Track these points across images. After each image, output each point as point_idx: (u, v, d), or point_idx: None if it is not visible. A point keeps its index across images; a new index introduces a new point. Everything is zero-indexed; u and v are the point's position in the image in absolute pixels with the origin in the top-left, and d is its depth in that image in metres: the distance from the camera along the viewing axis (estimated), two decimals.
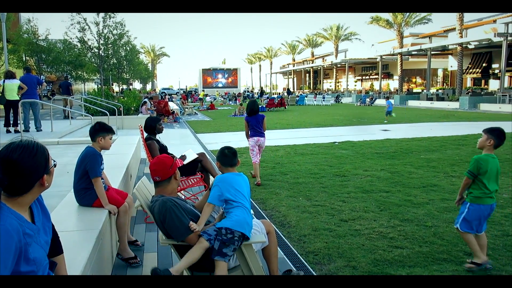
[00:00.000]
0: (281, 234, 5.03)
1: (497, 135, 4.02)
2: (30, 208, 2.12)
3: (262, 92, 51.10)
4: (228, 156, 3.64)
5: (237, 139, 14.28)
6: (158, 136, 6.56)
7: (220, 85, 77.74)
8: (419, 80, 59.12)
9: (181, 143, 13.40)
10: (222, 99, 46.21)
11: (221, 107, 38.36)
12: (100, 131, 4.26)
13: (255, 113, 7.93)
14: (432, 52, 43.42)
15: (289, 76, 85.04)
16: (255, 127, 7.92)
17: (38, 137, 10.59)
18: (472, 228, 4.11)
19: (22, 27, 27.21)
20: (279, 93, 55.15)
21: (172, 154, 6.47)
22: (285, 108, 31.81)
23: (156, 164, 3.53)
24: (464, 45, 36.37)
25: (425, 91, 42.63)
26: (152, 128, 6.40)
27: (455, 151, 10.81)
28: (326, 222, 5.46)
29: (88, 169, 4.09)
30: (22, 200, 2.02)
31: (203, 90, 58.25)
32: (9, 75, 12.01)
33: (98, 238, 3.44)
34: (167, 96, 41.62)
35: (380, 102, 42.98)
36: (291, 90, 74.40)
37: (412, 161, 9.52)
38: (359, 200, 6.44)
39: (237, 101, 45.37)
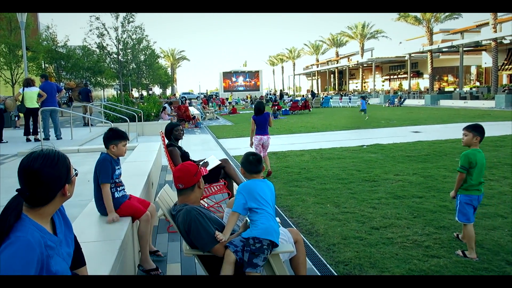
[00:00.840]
0: (308, 243, 4.98)
1: (480, 131, 4.62)
2: (52, 219, 2.13)
3: (281, 95, 51.00)
4: (252, 163, 3.62)
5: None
6: (180, 143, 6.61)
7: (241, 88, 78.05)
8: (451, 78, 57.99)
9: (202, 148, 13.48)
10: (244, 102, 46.35)
11: (243, 111, 38.50)
12: (113, 139, 4.26)
13: (261, 113, 8.97)
14: (465, 49, 42.55)
15: (313, 77, 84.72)
16: (261, 125, 8.94)
17: (58, 146, 10.82)
18: (469, 219, 4.62)
19: (41, 35, 27.98)
20: (303, 95, 55.04)
21: (196, 161, 6.51)
22: (310, 110, 31.71)
23: (180, 171, 3.54)
24: (498, 40, 35.50)
25: (457, 89, 41.78)
26: (171, 134, 6.45)
27: (493, 153, 10.52)
28: (356, 230, 5.38)
29: (98, 175, 4.13)
30: (44, 211, 2.03)
31: (231, 94, 58.37)
32: (29, 83, 12.32)
33: (121, 249, 3.45)
34: (187, 101, 42.20)
35: (410, 102, 42.35)
36: (315, 92, 74.13)
37: (446, 164, 9.31)
38: (390, 207, 6.33)
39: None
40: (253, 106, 46.09)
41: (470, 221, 4.63)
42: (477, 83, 50.40)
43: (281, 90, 58.79)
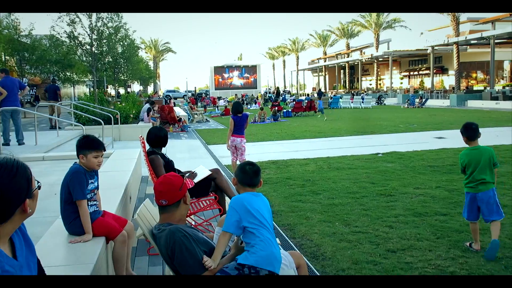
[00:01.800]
0: (313, 269, 4.98)
1: (464, 131, 5.52)
2: (11, 239, 2.10)
3: (278, 93, 51.03)
4: (248, 174, 3.64)
5: (259, 151, 14.30)
6: (163, 150, 6.61)
7: (236, 85, 78.25)
8: (480, 75, 58.30)
9: (190, 157, 13.46)
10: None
11: None
12: (83, 147, 4.26)
13: (240, 113, 10.06)
14: (496, 41, 42.77)
15: (320, 73, 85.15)
16: (238, 126, 10.01)
17: (20, 152, 10.80)
18: (465, 215, 5.54)
19: (1, 22, 27.99)
20: (308, 94, 55.25)
21: (181, 171, 6.50)
22: (316, 112, 31.82)
23: (162, 184, 3.54)
24: None
25: (488, 88, 41.96)
26: (157, 140, 6.45)
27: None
28: (369, 253, 5.38)
29: (71, 190, 4.13)
30: (1, 231, 2.00)
31: (235, 95, 58.28)
32: None
33: (93, 274, 3.44)
34: (172, 101, 42.24)
35: (433, 102, 42.55)
36: (323, 90, 74.38)
37: None
38: (409, 226, 6.34)
39: (257, 105, 45.56)
40: (249, 106, 46.34)
41: (466, 218, 5.59)
42: None
43: (277, 88, 58.65)
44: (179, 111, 27.56)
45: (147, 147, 6.47)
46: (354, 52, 75.85)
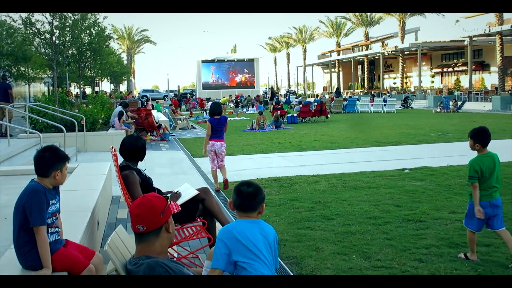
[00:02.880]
0: None
1: (479, 137, 6.27)
2: None
3: (273, 94, 50.77)
4: (242, 196, 3.64)
5: (257, 166, 14.33)
6: (139, 164, 6.61)
7: (229, 83, 78.44)
8: None
9: (172, 172, 13.45)
10: (232, 104, 46.63)
11: (230, 117, 38.59)
12: (57, 161, 4.32)
13: (218, 114, 11.11)
14: None
15: (332, 70, 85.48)
16: (217, 130, 11.06)
17: None
18: (471, 224, 6.32)
19: None
20: (318, 95, 55.43)
21: (161, 191, 6.49)
22: (327, 117, 31.89)
23: (140, 206, 3.54)
24: None
25: None
26: (132, 152, 6.45)
27: None
28: None
29: (28, 213, 4.12)
30: None
31: (229, 96, 57.82)
32: None
33: None
34: (150, 102, 42.31)
35: (471, 106, 42.67)
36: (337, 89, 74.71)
37: None
38: (444, 259, 6.33)
39: (255, 108, 45.61)
40: (244, 110, 46.45)
41: (475, 229, 6.31)
42: None
43: (272, 87, 58.07)
44: (158, 116, 27.58)
45: (120, 160, 6.47)
46: (375, 43, 76.25)
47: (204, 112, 40.76)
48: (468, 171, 6.26)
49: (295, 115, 31.41)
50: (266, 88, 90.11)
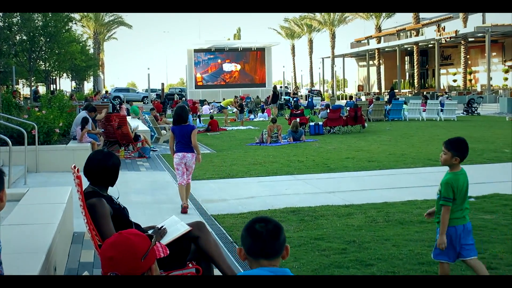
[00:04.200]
0: None
1: (461, 150, 6.76)
2: None
3: (275, 96, 49.64)
4: (264, 237, 3.58)
5: (270, 192, 14.37)
6: (109, 190, 6.61)
7: (231, 80, 78.65)
8: None
9: (154, 200, 13.47)
10: (235, 109, 46.64)
11: (233, 126, 38.65)
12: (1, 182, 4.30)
13: (183, 122, 12.00)
14: None
15: (371, 62, 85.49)
16: (181, 140, 11.91)
17: None
18: (446, 255, 6.78)
19: None
20: (351, 97, 55.14)
21: (140, 227, 6.48)
22: (364, 127, 31.82)
23: (114, 247, 3.55)
24: None
25: None
26: (101, 173, 6.45)
27: None
28: None
29: None
30: None
31: (234, 97, 57.03)
32: None
33: None
34: (123, 107, 42.31)
35: None
36: (376, 89, 74.62)
37: None
38: None
39: (266, 113, 45.62)
40: (252, 117, 46.43)
41: (451, 260, 6.82)
42: None
43: (274, 87, 56.40)
44: (135, 124, 27.58)
45: (85, 184, 6.47)
46: (428, 27, 76.18)
47: (198, 120, 40.80)
48: (443, 191, 6.76)
49: (321, 123, 31.40)
50: (280, 87, 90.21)
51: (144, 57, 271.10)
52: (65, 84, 77.24)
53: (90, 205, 6.22)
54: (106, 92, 58.46)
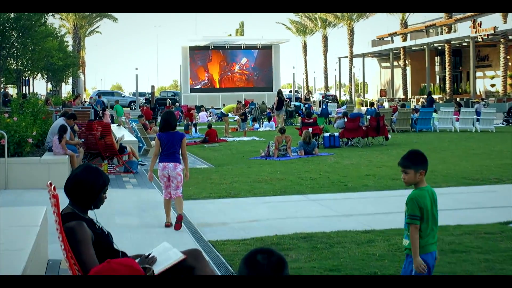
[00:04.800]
0: None
1: (421, 162, 7.00)
2: None
3: (280, 102, 49.07)
4: (260, 270, 3.60)
5: (276, 215, 14.37)
6: (90, 213, 6.61)
7: (233, 83, 78.75)
8: None
9: (142, 223, 13.47)
10: (237, 117, 46.58)
11: (235, 137, 38.65)
12: None
13: (172, 129, 12.61)
14: None
15: (395, 64, 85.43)
16: (168, 147, 12.47)
17: None
18: None
19: None
20: (372, 105, 55.12)
21: (126, 255, 6.47)
22: (387, 139, 31.70)
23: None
24: None
25: None
26: (82, 191, 6.45)
27: None
28: None
29: None
30: None
31: (237, 102, 56.02)
32: None
33: None
34: (107, 113, 42.35)
35: None
36: (401, 95, 74.58)
37: None
38: None
39: (273, 122, 45.57)
40: (256, 126, 46.38)
41: None
42: None
43: (279, 92, 54.99)
44: (121, 133, 27.56)
45: (63, 204, 6.48)
46: (461, 22, 76.16)
47: (194, 129, 40.83)
48: (408, 209, 6.93)
49: (336, 134, 31.36)
50: (290, 92, 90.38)
51: (132, 55, 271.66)
52: (40, 86, 77.59)
53: (68, 229, 6.21)
54: (99, 96, 57.97)
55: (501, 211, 13.94)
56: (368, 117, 33.74)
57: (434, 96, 69.67)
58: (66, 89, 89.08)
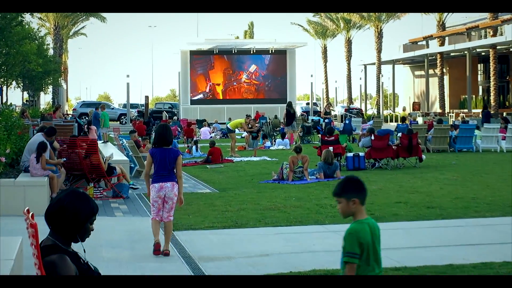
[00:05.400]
0: None
1: (355, 189, 6.89)
2: None
3: (290, 116, 48.80)
4: None
5: (290, 249, 14.39)
6: (74, 244, 6.64)
7: (241, 94, 78.89)
8: None
9: (133, 256, 13.49)
10: (245, 133, 46.63)
11: (242, 157, 38.61)
12: None
13: (167, 144, 12.93)
14: None
15: (431, 72, 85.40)
16: (161, 167, 12.78)
17: None
18: None
19: None
20: (404, 119, 55.07)
21: None
22: (421, 160, 31.64)
23: None
24: None
25: None
26: (65, 220, 6.47)
27: None
28: None
29: None
30: None
31: (246, 116, 55.15)
32: None
33: None
34: (93, 128, 42.43)
35: None
36: (437, 109, 74.52)
37: None
38: None
39: (287, 140, 45.53)
40: (267, 144, 46.34)
41: None
42: None
43: (289, 104, 54.36)
44: (109, 151, 27.61)
45: (43, 234, 6.51)
46: (508, 24, 76.22)
47: (194, 147, 40.81)
48: (346, 245, 6.71)
49: (362, 154, 31.33)
50: (307, 104, 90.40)
51: (123, 60, 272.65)
52: (15, 96, 77.85)
53: (48, 263, 6.22)
54: (96, 108, 57.68)
55: None
56: (399, 134, 33.60)
57: (475, 111, 69.73)
58: (45, 99, 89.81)
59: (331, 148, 28.77)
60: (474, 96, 78.56)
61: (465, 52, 76.35)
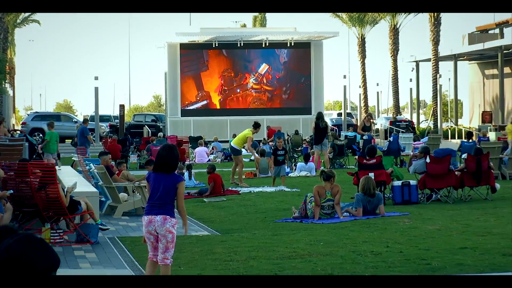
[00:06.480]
0: None
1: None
2: None
3: (320, 130, 48.27)
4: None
5: None
6: None
7: (249, 102, 79.14)
8: None
9: None
10: (256, 154, 46.71)
11: (252, 187, 38.53)
12: None
13: (167, 170, 13.14)
14: None
15: (506, 70, 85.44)
16: (153, 195, 13.14)
17: None
18: None
19: None
20: (471, 135, 55.46)
21: None
22: (494, 190, 31.57)
23: None
24: None
25: None
26: (15, 270, 6.51)
27: None
28: None
29: None
30: None
31: (253, 127, 54.60)
32: None
33: None
34: (53, 159, 42.57)
35: None
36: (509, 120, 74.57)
37: None
38: None
39: (312, 164, 45.61)
40: (288, 170, 46.38)
41: None
42: None
43: (320, 114, 53.86)
44: (72, 180, 27.70)
45: None
46: None
47: (187, 174, 40.75)
48: None
49: (414, 183, 31.25)
50: (339, 115, 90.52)
51: (89, 57, 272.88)
52: None
53: None
54: (84, 122, 57.65)
55: None
56: (464, 155, 33.58)
57: None
58: None
59: (371, 175, 28.71)
60: None
61: None
